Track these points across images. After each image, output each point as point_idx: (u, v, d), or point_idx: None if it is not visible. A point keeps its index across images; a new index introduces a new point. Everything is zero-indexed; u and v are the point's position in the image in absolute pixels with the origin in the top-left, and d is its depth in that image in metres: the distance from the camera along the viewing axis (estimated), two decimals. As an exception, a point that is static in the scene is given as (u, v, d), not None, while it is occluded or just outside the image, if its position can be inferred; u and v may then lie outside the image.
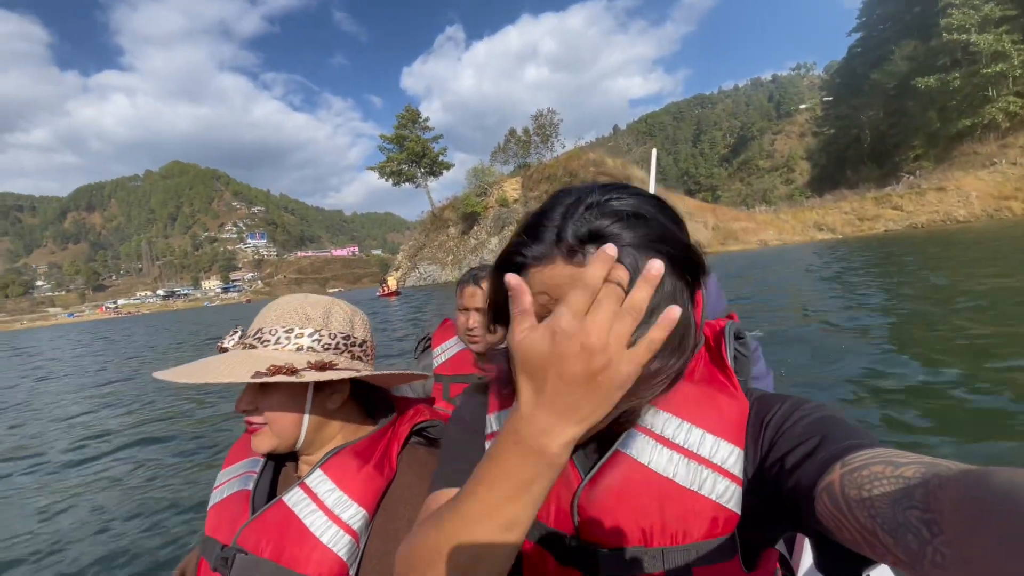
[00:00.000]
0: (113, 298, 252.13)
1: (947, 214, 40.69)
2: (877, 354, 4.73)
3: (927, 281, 9.24)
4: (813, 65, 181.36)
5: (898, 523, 0.35)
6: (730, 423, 0.58)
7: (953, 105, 50.67)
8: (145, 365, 10.65)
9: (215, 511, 0.86)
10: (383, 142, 56.65)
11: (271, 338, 0.81)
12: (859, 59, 76.09)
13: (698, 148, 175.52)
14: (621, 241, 0.50)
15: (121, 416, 5.69)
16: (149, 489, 3.22)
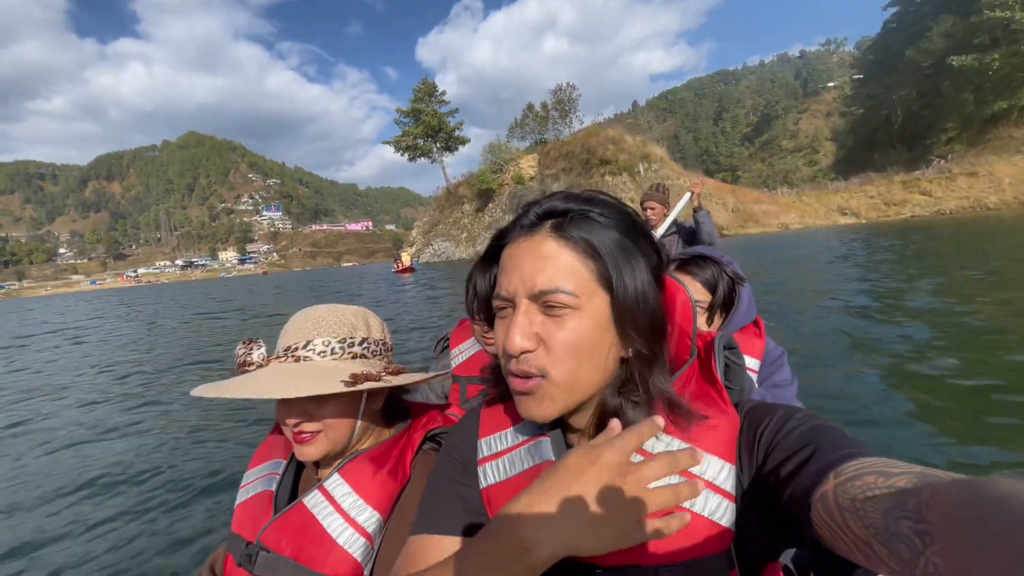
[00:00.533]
0: (133, 267, 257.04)
1: (977, 200, 39.38)
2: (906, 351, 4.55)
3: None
4: (844, 41, 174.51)
5: (891, 533, 0.35)
6: (721, 439, 0.58)
7: (989, 86, 48.54)
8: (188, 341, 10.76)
9: (241, 509, 0.90)
10: (399, 116, 56.07)
11: (326, 348, 0.83)
12: (894, 35, 72.92)
13: (719, 126, 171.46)
14: (578, 232, 0.58)
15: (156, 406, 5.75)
16: (180, 481, 3.23)
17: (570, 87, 51.93)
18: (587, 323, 0.58)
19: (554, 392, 0.59)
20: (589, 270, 0.58)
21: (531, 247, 0.59)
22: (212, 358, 7.99)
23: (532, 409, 0.60)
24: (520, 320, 0.58)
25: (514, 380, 0.61)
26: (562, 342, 0.57)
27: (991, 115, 47.09)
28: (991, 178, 39.94)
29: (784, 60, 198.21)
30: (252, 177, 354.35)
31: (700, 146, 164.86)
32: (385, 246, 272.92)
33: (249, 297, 25.10)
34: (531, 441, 0.68)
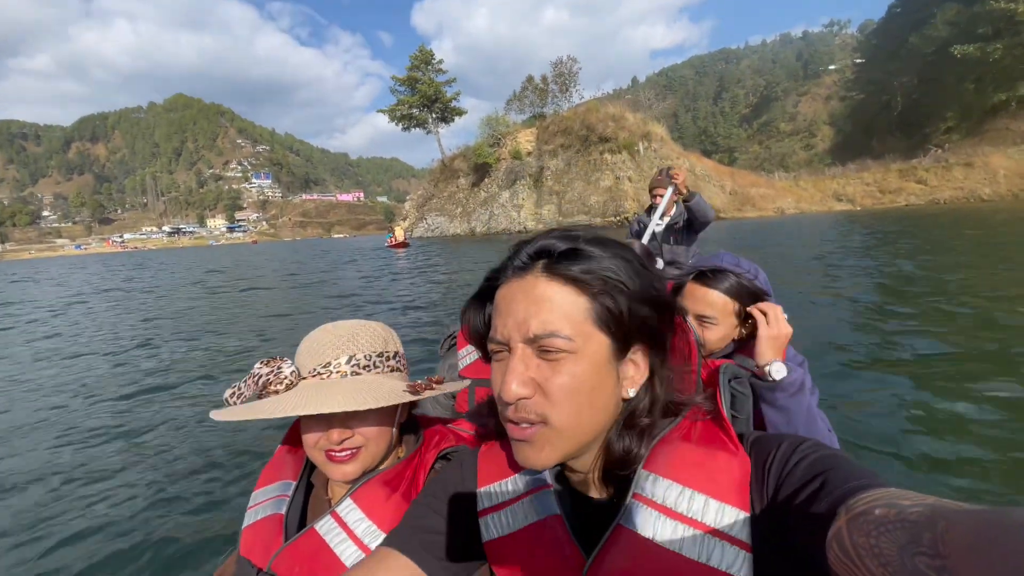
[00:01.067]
0: (119, 232, 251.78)
1: (972, 191, 39.67)
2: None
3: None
4: (847, 23, 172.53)
5: (908, 571, 0.34)
6: (733, 484, 0.56)
7: (990, 77, 48.35)
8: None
9: (249, 532, 0.88)
10: (394, 84, 54.72)
11: (368, 363, 0.84)
12: (898, 20, 72.10)
13: (719, 106, 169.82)
14: (571, 271, 0.57)
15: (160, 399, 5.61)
16: (187, 486, 3.06)
17: (571, 60, 50.87)
18: (585, 366, 0.57)
19: (554, 439, 0.58)
20: (585, 311, 0.57)
21: (524, 288, 0.58)
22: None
23: (531, 457, 0.59)
24: (516, 366, 0.57)
25: (512, 427, 0.60)
26: (560, 387, 0.56)
27: (991, 106, 47.04)
28: (987, 169, 40.18)
29: (787, 40, 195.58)
30: (241, 143, 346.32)
31: (699, 126, 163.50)
32: (376, 218, 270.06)
33: (251, 270, 24.75)
34: (534, 493, 0.66)
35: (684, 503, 0.55)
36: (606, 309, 0.57)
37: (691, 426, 0.62)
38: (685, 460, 0.58)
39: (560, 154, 44.36)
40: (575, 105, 49.26)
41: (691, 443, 0.60)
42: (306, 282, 15.34)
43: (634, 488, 0.58)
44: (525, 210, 43.38)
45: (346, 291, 12.23)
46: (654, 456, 0.59)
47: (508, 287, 0.60)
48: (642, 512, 0.57)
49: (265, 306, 10.51)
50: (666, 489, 0.57)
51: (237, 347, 6.61)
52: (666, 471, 0.58)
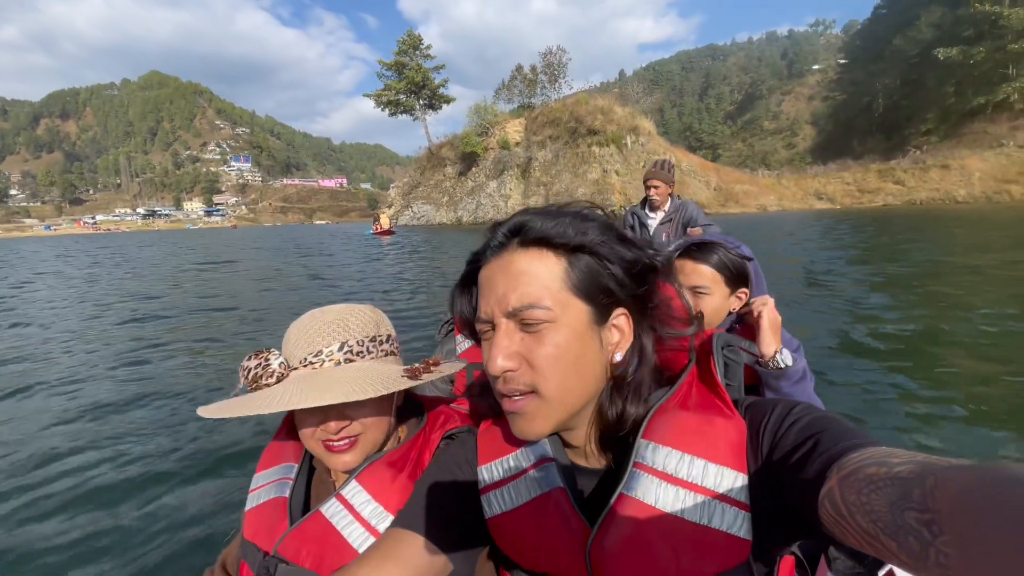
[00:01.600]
0: (91, 213, 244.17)
1: (947, 193, 40.74)
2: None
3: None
4: (832, 23, 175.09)
5: (897, 526, 0.35)
6: (730, 447, 0.57)
7: (970, 80, 49.53)
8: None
9: (253, 515, 0.87)
10: (381, 68, 53.71)
11: (362, 348, 0.81)
12: (883, 22, 73.27)
13: (704, 103, 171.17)
14: (544, 232, 0.59)
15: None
16: (186, 472, 2.97)
17: (560, 51, 50.68)
18: (566, 334, 0.58)
19: (545, 408, 0.59)
20: (560, 279, 0.58)
21: (502, 266, 0.60)
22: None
23: (524, 427, 0.61)
24: (500, 340, 0.59)
25: (504, 401, 0.61)
26: (545, 357, 0.58)
27: (969, 109, 48.20)
28: (962, 172, 41.27)
29: (772, 38, 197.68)
30: (220, 124, 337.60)
31: (684, 122, 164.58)
32: (360, 205, 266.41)
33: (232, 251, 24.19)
34: (535, 467, 0.67)
35: (684, 469, 0.56)
36: (581, 273, 0.58)
37: (687, 393, 0.63)
38: (683, 427, 0.59)
39: (548, 145, 44.18)
40: (564, 96, 49.15)
41: (688, 410, 0.60)
42: (293, 269, 15.03)
43: (635, 457, 0.59)
44: (512, 200, 43.17)
45: (334, 278, 12.06)
46: (653, 425, 0.60)
47: (488, 267, 0.62)
48: (644, 480, 0.57)
49: (250, 292, 10.24)
50: (666, 456, 0.57)
51: (227, 332, 6.41)
52: (665, 439, 0.59)
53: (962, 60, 49.61)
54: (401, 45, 52.73)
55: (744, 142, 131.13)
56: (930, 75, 55.15)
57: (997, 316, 5.24)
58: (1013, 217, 21.83)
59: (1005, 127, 44.37)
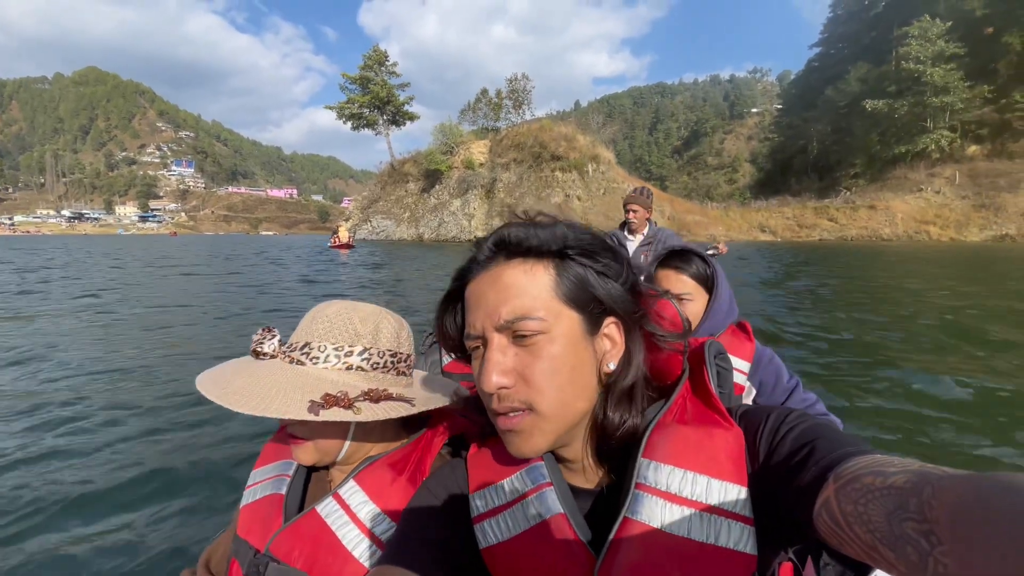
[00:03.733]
0: (8, 213, 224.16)
1: (874, 231, 44.56)
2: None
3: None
4: (768, 71, 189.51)
5: (896, 536, 0.35)
6: (731, 460, 0.56)
7: (893, 131, 54.86)
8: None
9: (247, 512, 0.85)
10: (345, 81, 53.27)
11: (320, 355, 0.78)
12: (816, 73, 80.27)
13: (654, 137, 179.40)
14: (528, 241, 0.58)
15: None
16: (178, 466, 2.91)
17: (524, 78, 52.30)
18: (561, 345, 0.57)
19: (542, 424, 0.58)
20: (550, 289, 0.57)
21: (490, 280, 0.59)
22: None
23: (522, 446, 0.59)
24: (493, 356, 0.57)
25: (499, 419, 0.59)
26: (540, 371, 0.56)
27: (892, 156, 53.24)
28: (887, 212, 45.32)
29: (716, 81, 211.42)
30: (161, 126, 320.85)
31: (635, 153, 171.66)
32: (310, 217, 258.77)
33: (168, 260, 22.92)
34: (533, 493, 0.64)
35: (688, 487, 0.55)
36: (570, 282, 0.58)
37: (683, 407, 0.62)
38: (684, 443, 0.58)
39: (513, 168, 45.05)
40: (526, 121, 50.51)
41: (686, 424, 0.59)
42: (247, 280, 14.13)
43: (636, 478, 0.58)
44: (476, 219, 43.53)
45: (300, 292, 11.36)
46: (652, 443, 0.59)
47: (476, 282, 0.61)
48: (647, 501, 0.56)
49: (203, 304, 9.27)
50: (668, 475, 0.56)
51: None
52: (666, 457, 0.57)
53: (888, 112, 54.93)
54: (367, 60, 52.66)
55: (689, 175, 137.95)
56: (857, 124, 60.75)
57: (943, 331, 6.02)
58: (937, 253, 24.32)
59: (923, 174, 49.30)
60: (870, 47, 67.41)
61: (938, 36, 50.98)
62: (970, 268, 16.57)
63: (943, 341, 5.66)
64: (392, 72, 53.94)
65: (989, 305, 8.15)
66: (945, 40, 50.83)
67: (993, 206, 42.58)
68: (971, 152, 48.91)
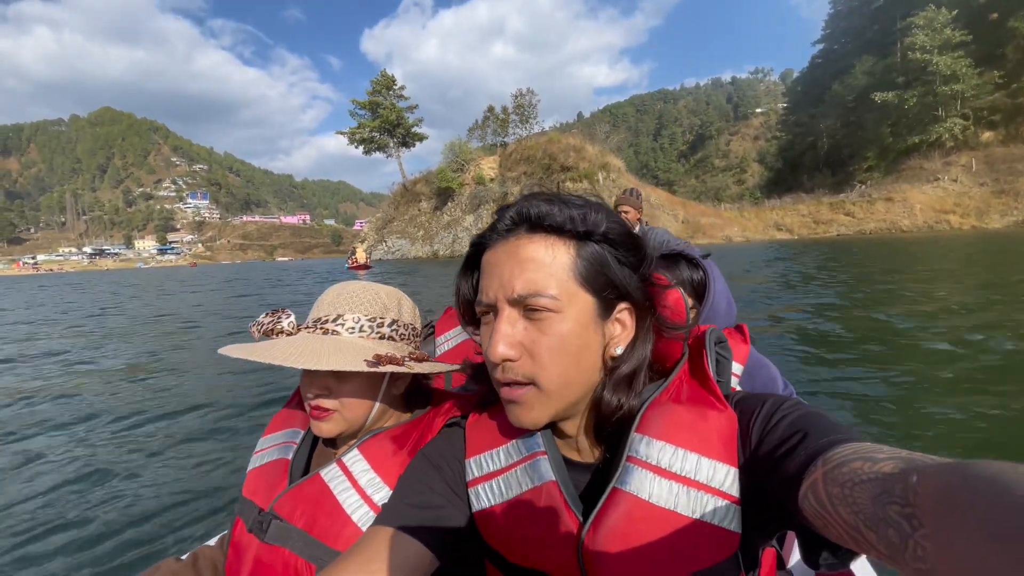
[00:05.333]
0: (31, 252, 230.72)
1: (893, 223, 43.98)
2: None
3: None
4: (770, 71, 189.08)
5: (879, 519, 0.35)
6: (722, 441, 0.57)
7: (905, 122, 54.37)
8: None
9: (254, 475, 0.89)
10: (355, 107, 54.45)
11: (355, 325, 0.82)
12: (820, 70, 79.96)
13: (658, 142, 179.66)
14: (552, 218, 0.57)
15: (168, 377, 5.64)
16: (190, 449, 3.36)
17: (530, 92, 52.90)
18: (570, 325, 0.57)
19: (543, 399, 0.59)
20: (569, 269, 0.57)
21: (508, 251, 0.59)
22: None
23: (522, 416, 0.60)
24: (502, 327, 0.57)
25: (502, 389, 0.60)
26: (547, 348, 0.57)
27: (905, 147, 52.70)
28: (905, 204, 44.74)
29: (718, 84, 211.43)
30: (176, 161, 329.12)
31: (640, 160, 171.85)
32: (323, 241, 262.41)
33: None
34: (527, 460, 0.65)
35: (678, 463, 0.56)
36: (588, 264, 0.58)
37: (680, 387, 0.62)
38: (677, 421, 0.59)
39: (523, 181, 45.39)
40: (533, 134, 51.04)
41: (681, 404, 0.60)
42: (277, 302, 14.78)
43: (628, 451, 0.59)
44: (490, 234, 43.83)
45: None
46: (646, 419, 0.60)
47: (494, 251, 0.61)
48: (637, 474, 0.57)
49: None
50: (660, 450, 0.57)
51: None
52: (658, 433, 0.58)
53: (898, 103, 54.47)
54: (375, 85, 53.74)
55: (697, 179, 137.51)
56: (867, 117, 60.33)
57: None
58: (960, 241, 23.95)
59: (939, 163, 48.62)
60: (873, 40, 67.07)
61: (944, 25, 50.56)
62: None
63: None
64: (400, 95, 54.98)
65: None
66: (951, 28, 50.37)
67: (1012, 191, 41.83)
68: (986, 138, 48.23)
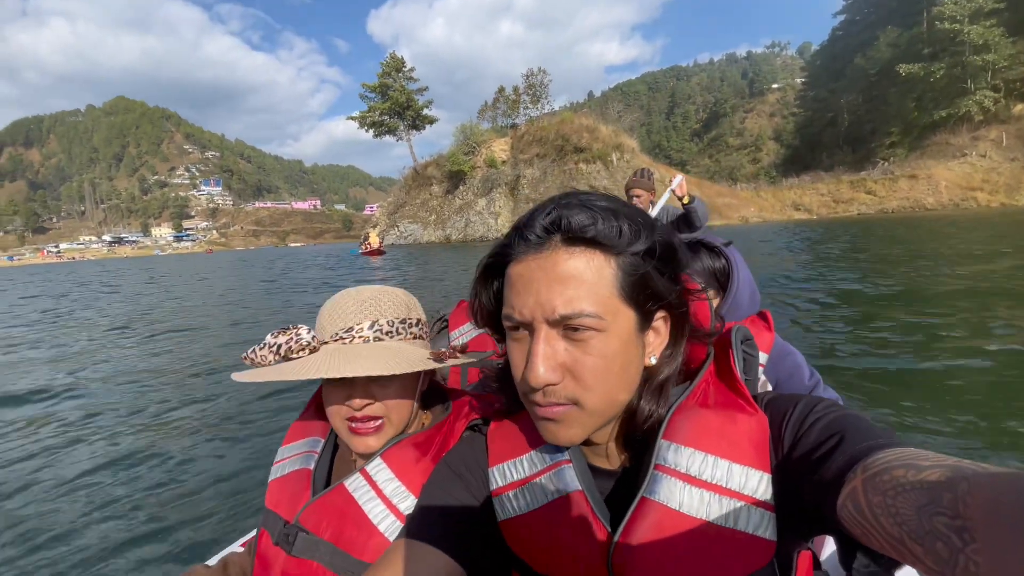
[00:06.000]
0: (54, 241, 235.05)
1: (917, 201, 42.74)
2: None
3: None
4: (787, 44, 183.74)
5: (925, 531, 0.34)
6: (754, 446, 0.55)
7: (930, 95, 52.42)
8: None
9: (276, 485, 0.88)
10: (364, 90, 53.95)
11: (391, 329, 0.82)
12: (841, 42, 77.29)
13: (671, 121, 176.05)
14: (592, 231, 0.53)
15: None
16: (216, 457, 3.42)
17: (541, 72, 51.92)
18: (614, 343, 0.55)
19: (584, 419, 0.57)
20: (611, 285, 0.54)
21: (543, 266, 0.55)
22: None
23: (559, 435, 0.58)
24: (542, 350, 0.55)
25: (538, 408, 0.58)
26: (592, 370, 0.55)
27: (931, 122, 50.89)
28: (930, 181, 43.41)
29: (732, 59, 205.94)
30: (188, 148, 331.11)
31: (652, 140, 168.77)
32: (334, 226, 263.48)
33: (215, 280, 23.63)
34: (553, 469, 0.64)
35: (708, 470, 0.55)
36: (631, 278, 0.55)
37: (706, 390, 0.61)
38: (705, 427, 0.57)
39: (536, 163, 44.86)
40: (545, 115, 50.20)
41: (709, 408, 0.59)
42: (289, 288, 14.76)
43: (656, 459, 0.57)
44: (502, 218, 43.49)
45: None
46: (673, 425, 0.58)
47: (524, 264, 0.56)
48: (666, 482, 0.55)
49: (241, 312, 10.28)
50: (689, 457, 0.56)
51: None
52: (687, 439, 0.57)
53: (923, 75, 52.43)
54: (385, 67, 53.13)
55: (711, 158, 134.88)
56: (891, 91, 58.26)
57: None
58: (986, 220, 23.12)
59: (966, 138, 46.96)
60: (898, 10, 64.42)
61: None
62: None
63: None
64: (410, 78, 54.32)
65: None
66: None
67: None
68: (1018, 111, 46.35)
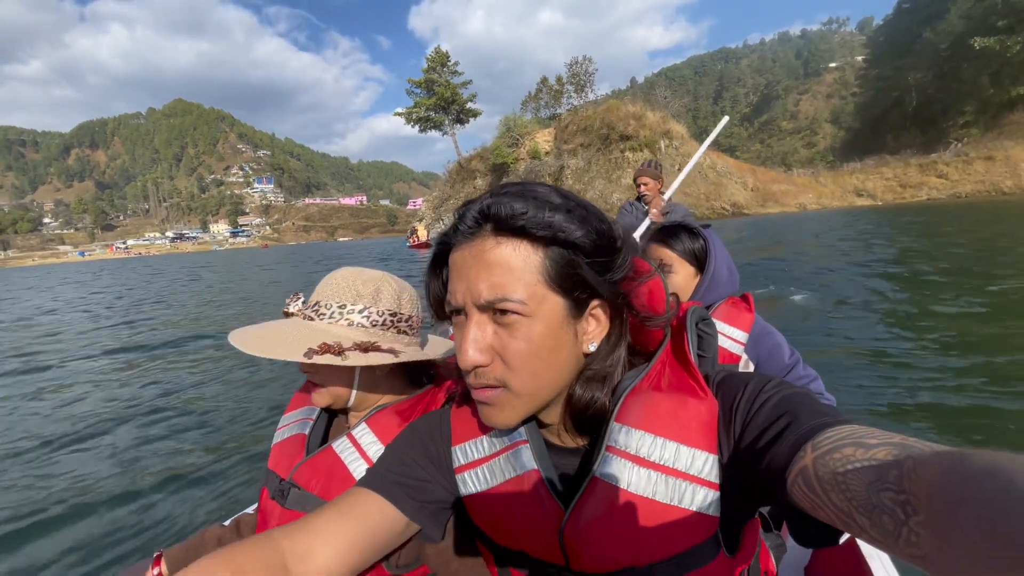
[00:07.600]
0: (122, 238, 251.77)
1: (993, 185, 39.83)
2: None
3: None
4: (846, 20, 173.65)
5: (872, 505, 0.35)
6: (702, 429, 0.57)
7: (1007, 71, 48.46)
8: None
9: (277, 449, 0.98)
10: (410, 86, 54.77)
11: (326, 312, 0.88)
12: (908, 16, 72.36)
13: (719, 106, 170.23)
14: (520, 220, 0.54)
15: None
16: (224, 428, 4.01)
17: (586, 60, 51.12)
18: (539, 329, 0.56)
19: (514, 401, 0.59)
20: (537, 272, 0.55)
21: (474, 253, 0.56)
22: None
23: (494, 418, 0.60)
24: (471, 333, 0.57)
25: (474, 391, 0.60)
26: (516, 353, 0.56)
27: (1008, 100, 47.09)
28: (1008, 162, 40.30)
29: (785, 39, 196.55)
30: (242, 148, 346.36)
31: (699, 125, 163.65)
32: (379, 221, 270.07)
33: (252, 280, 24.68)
34: (510, 449, 0.67)
35: (656, 451, 0.56)
36: (559, 267, 0.55)
37: (661, 373, 0.62)
38: (656, 410, 0.58)
39: (580, 153, 44.44)
40: (589, 103, 49.51)
41: (661, 391, 0.60)
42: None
43: (607, 441, 0.59)
44: (548, 209, 43.41)
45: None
46: (626, 408, 0.60)
47: (460, 252, 0.58)
48: (616, 463, 0.57)
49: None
50: (639, 440, 0.57)
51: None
52: (638, 422, 0.58)
53: (999, 50, 48.49)
54: (430, 62, 53.73)
55: (762, 143, 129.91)
56: (964, 67, 54.09)
57: None
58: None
59: (1050, 115, 43.37)
60: (973, -22, 59.67)
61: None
62: None
63: None
64: (454, 72, 54.72)
65: None
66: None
67: None
68: (1110, 84, 42.30)
